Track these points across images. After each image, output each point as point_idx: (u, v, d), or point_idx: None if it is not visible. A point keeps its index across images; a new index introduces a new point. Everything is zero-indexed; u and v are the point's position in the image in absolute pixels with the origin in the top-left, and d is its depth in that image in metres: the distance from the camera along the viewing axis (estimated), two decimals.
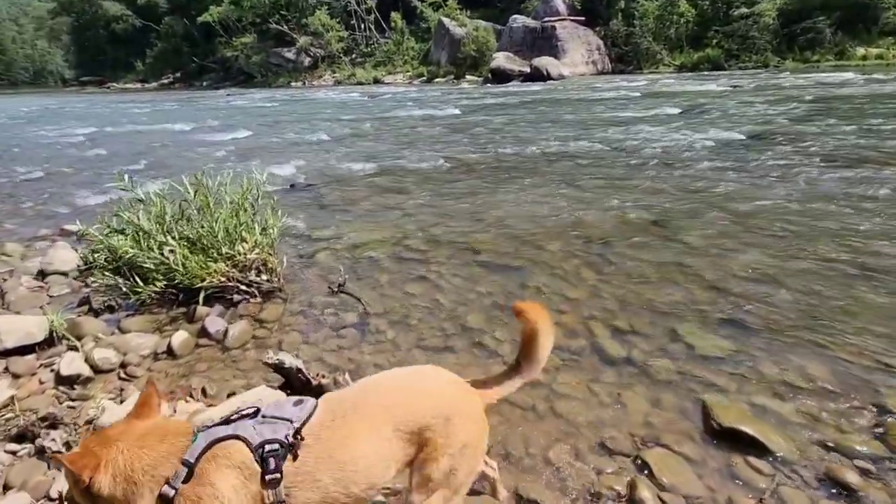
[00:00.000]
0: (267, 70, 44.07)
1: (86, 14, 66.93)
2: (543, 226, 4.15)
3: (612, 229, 4.01)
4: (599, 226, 4.09)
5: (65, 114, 20.11)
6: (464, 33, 32.51)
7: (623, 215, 4.31)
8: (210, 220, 2.92)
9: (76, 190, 6.31)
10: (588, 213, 4.39)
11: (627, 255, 3.50)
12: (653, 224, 4.10)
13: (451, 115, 13.19)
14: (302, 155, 8.20)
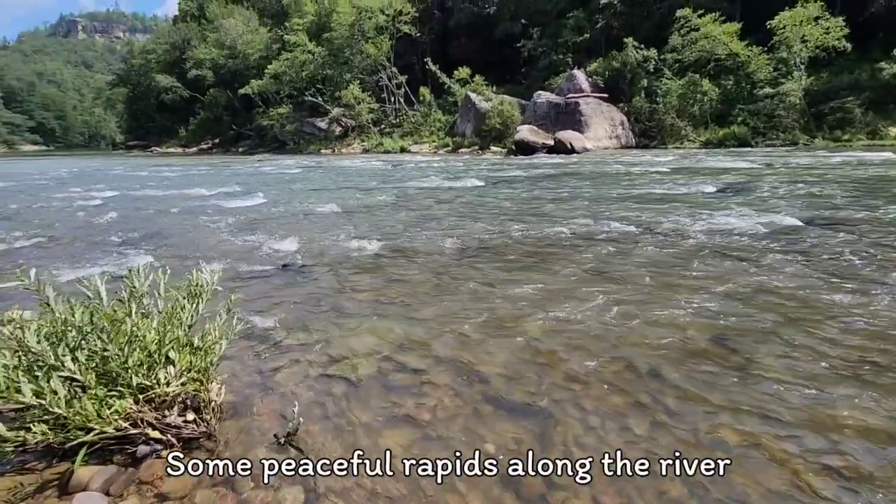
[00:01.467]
0: (299, 138, 45.99)
1: (140, 86, 72.66)
2: (572, 340, 3.27)
3: (661, 348, 3.10)
4: (645, 342, 3.20)
5: (99, 176, 20.73)
6: (489, 107, 33.38)
7: (674, 326, 3.42)
8: (117, 339, 2.16)
9: (57, 262, 5.79)
10: (628, 322, 3.51)
11: (688, 393, 2.57)
12: (715, 343, 3.18)
13: (473, 186, 12.76)
14: (308, 228, 7.67)
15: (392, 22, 41.96)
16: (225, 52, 57.73)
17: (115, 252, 6.28)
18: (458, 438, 2.25)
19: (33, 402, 1.99)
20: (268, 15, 62.74)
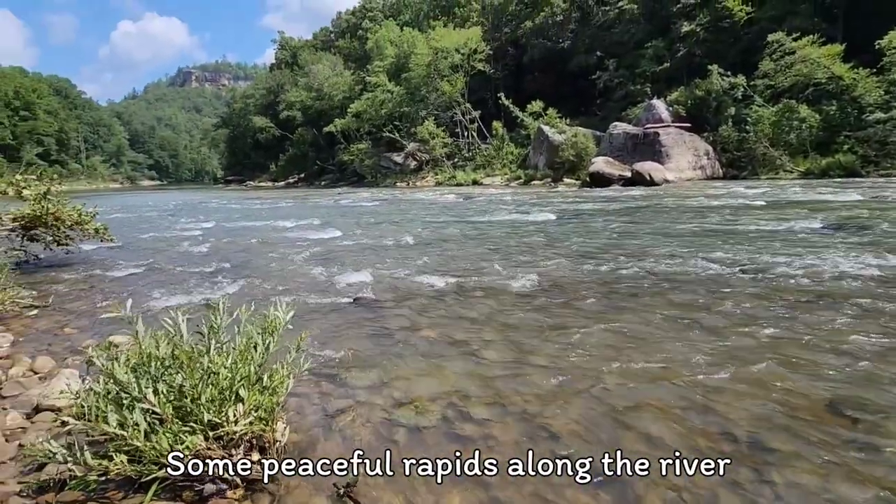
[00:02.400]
0: (376, 172, 48.20)
1: (239, 127, 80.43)
2: (655, 397, 2.95)
3: (763, 414, 2.70)
4: (742, 405, 2.80)
5: (200, 208, 22.88)
6: (562, 139, 33.06)
7: (776, 387, 2.98)
8: (193, 375, 2.23)
9: (158, 291, 6.30)
10: (720, 380, 3.12)
11: (799, 470, 2.18)
12: (830, 411, 2.72)
13: (546, 220, 12.50)
14: (380, 261, 7.83)
15: (467, 60, 43.38)
16: (313, 95, 62.66)
17: (206, 282, 6.75)
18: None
19: (117, 433, 2.09)
20: (352, 59, 67.59)
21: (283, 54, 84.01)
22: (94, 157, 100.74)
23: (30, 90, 77.61)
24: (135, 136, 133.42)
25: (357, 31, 72.42)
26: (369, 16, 73.65)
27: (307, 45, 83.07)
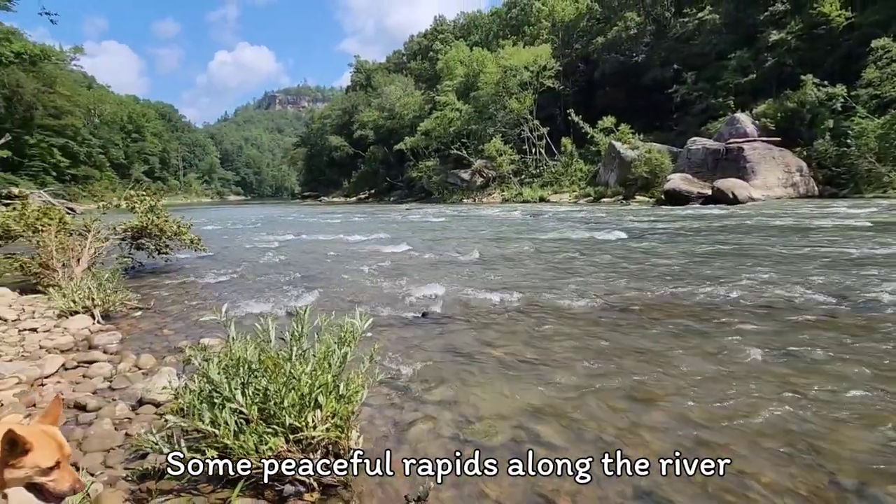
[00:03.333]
0: (444, 188, 49.01)
1: (316, 145, 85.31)
2: (748, 433, 2.71)
3: (873, 462, 2.40)
4: (850, 448, 2.51)
5: (280, 221, 24.38)
6: (635, 155, 31.90)
7: (888, 431, 2.64)
8: (278, 379, 2.36)
9: (243, 298, 6.76)
10: (822, 419, 2.81)
11: None
12: None
13: (617, 239, 12.04)
14: (449, 276, 7.90)
15: (536, 77, 43.30)
16: (384, 114, 65.27)
17: (285, 291, 7.15)
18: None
19: (209, 430, 2.24)
20: (422, 79, 69.77)
21: (358, 77, 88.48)
22: (190, 174, 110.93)
23: (140, 115, 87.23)
24: (225, 155, 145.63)
25: (428, 53, 74.81)
26: (440, 38, 75.88)
27: (380, 67, 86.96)
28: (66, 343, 4.51)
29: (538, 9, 53.89)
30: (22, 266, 7.20)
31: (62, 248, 7.37)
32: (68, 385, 3.52)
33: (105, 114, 72.65)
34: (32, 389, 3.41)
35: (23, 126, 50.77)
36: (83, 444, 2.67)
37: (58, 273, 6.88)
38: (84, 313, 5.48)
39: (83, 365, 3.95)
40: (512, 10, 63.02)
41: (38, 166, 53.05)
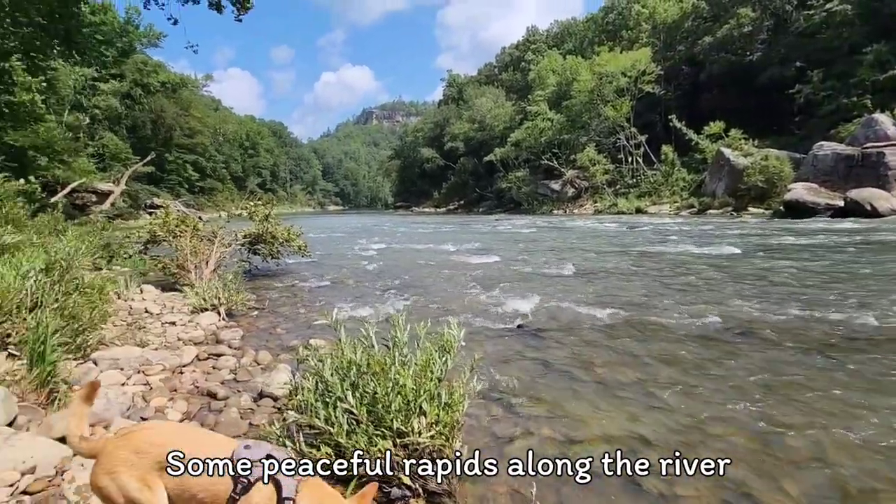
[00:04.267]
0: (533, 199, 48.36)
1: (409, 158, 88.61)
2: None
3: None
4: None
5: (374, 230, 25.57)
6: (748, 163, 29.08)
7: None
8: (385, 383, 2.43)
9: (344, 302, 7.15)
10: None
11: None
12: None
13: (729, 255, 11.02)
14: (542, 289, 7.72)
15: (634, 83, 41.36)
16: (475, 126, 66.14)
17: (381, 296, 7.45)
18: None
19: (324, 427, 2.38)
20: (513, 90, 69.78)
21: (450, 91, 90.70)
22: (295, 186, 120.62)
23: (256, 133, 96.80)
24: (326, 168, 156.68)
25: (520, 64, 74.71)
26: (532, 48, 75.46)
27: (472, 80, 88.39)
28: (198, 336, 5.07)
29: (637, 11, 51.58)
30: (164, 267, 8.26)
31: (195, 251, 8.35)
32: (201, 374, 3.95)
33: (228, 133, 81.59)
34: (174, 376, 3.87)
35: (164, 145, 58.64)
36: (216, 429, 2.96)
37: (191, 273, 7.80)
38: (212, 310, 6.14)
39: (212, 357, 4.41)
40: (609, 14, 60.93)
41: (175, 180, 60.85)
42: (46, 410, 2.91)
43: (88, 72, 44.41)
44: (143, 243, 9.59)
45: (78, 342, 3.95)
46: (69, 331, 3.90)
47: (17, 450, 2.31)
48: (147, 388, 3.58)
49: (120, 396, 3.16)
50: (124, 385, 3.52)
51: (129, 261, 9.24)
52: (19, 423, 2.71)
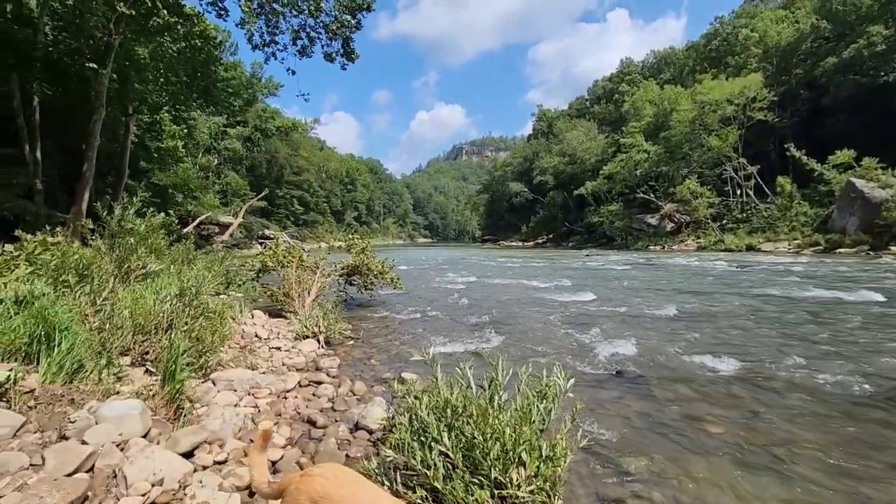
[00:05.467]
0: (627, 234, 46.10)
1: (497, 192, 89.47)
2: None
3: None
4: None
5: (462, 264, 25.84)
6: (887, 196, 25.39)
7: None
8: (484, 429, 2.35)
9: (434, 336, 7.21)
10: None
11: None
12: None
13: (870, 301, 9.53)
14: (641, 332, 7.21)
15: (742, 111, 38.47)
16: (565, 160, 65.30)
17: (472, 332, 7.40)
18: None
19: (421, 469, 2.34)
20: (606, 123, 68.21)
21: (539, 125, 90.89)
22: (388, 219, 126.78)
23: (355, 170, 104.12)
24: (417, 202, 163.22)
25: (613, 96, 73.13)
26: (627, 79, 73.66)
27: (562, 114, 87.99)
28: (300, 363, 5.36)
29: (746, 36, 48.44)
30: (272, 294, 8.96)
31: (299, 281, 8.98)
32: (303, 401, 4.13)
33: (330, 170, 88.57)
34: (279, 400, 4.09)
35: (276, 182, 65.06)
36: (315, 458, 3.06)
37: (295, 301, 8.37)
38: (312, 338, 6.49)
39: (312, 384, 4.62)
40: (712, 41, 57.90)
41: (283, 213, 66.92)
42: (174, 425, 3.20)
43: (220, 120, 51.02)
44: (256, 271, 10.52)
45: (201, 362, 4.35)
46: (194, 351, 4.32)
47: (150, 461, 2.55)
48: (256, 410, 3.81)
49: (233, 417, 3.39)
50: (237, 406, 3.78)
51: (243, 287, 10.15)
52: (151, 436, 3.00)
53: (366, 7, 16.96)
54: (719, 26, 59.36)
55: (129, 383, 3.68)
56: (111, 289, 4.95)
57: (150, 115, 22.50)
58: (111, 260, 6.00)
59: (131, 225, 7.26)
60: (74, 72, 16.55)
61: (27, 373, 3.33)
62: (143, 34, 15.88)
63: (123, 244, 6.57)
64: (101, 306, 4.58)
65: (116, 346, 4.14)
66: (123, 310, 4.48)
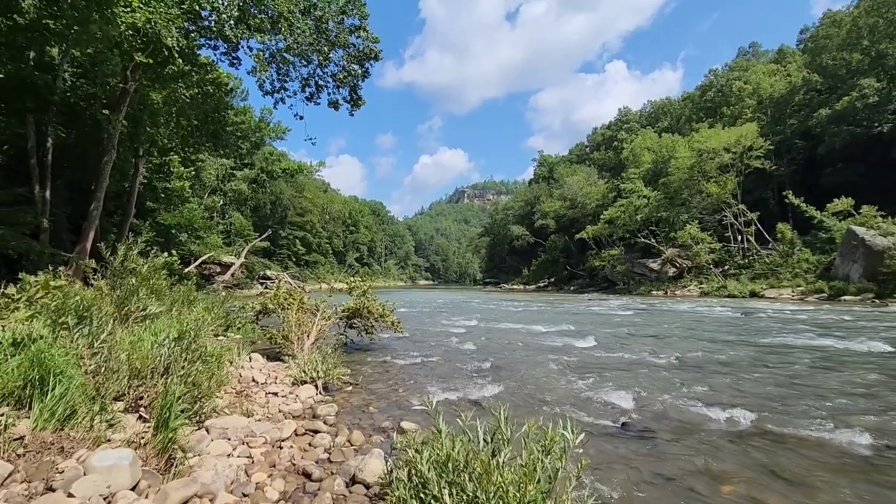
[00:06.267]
0: (629, 279, 46.00)
1: (498, 235, 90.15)
2: None
3: None
4: None
5: (464, 307, 25.66)
6: (889, 244, 25.47)
7: None
8: (487, 487, 2.25)
9: (434, 382, 7.07)
10: None
11: None
12: None
13: (880, 352, 9.37)
14: (645, 381, 7.05)
15: (739, 159, 39.25)
16: (566, 204, 66.09)
17: (473, 379, 7.25)
18: None
19: None
20: (606, 169, 69.56)
21: (541, 170, 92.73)
22: (389, 261, 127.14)
23: (358, 211, 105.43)
24: (419, 244, 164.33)
25: (612, 143, 74.95)
26: (625, 127, 75.72)
27: (563, 159, 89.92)
28: (297, 409, 5.22)
29: (740, 87, 50.14)
30: (271, 337, 8.86)
31: (299, 323, 8.89)
32: (298, 451, 4.00)
33: (334, 212, 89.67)
34: (273, 450, 3.96)
35: (279, 223, 65.78)
36: None
37: (294, 345, 8.26)
38: (310, 383, 6.36)
39: (309, 433, 4.49)
40: (707, 92, 59.87)
41: (285, 253, 67.22)
42: (164, 476, 3.08)
43: (228, 162, 52.20)
44: (256, 313, 10.44)
45: (195, 408, 4.24)
46: (189, 397, 4.23)
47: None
48: (249, 461, 3.68)
49: (226, 469, 3.27)
50: (230, 456, 3.65)
51: (243, 329, 10.05)
52: (140, 488, 2.88)
53: (373, 56, 17.72)
54: (714, 78, 61.57)
55: (122, 430, 3.58)
56: (110, 331, 4.90)
57: (159, 157, 23.07)
58: (111, 301, 5.98)
59: (134, 265, 7.29)
60: (89, 115, 17.11)
61: (18, 418, 3.25)
62: (157, 81, 16.51)
63: (125, 285, 6.57)
64: (99, 349, 4.52)
65: (111, 391, 4.06)
66: (121, 353, 4.42)
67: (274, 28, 15.35)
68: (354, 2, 16.48)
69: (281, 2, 14.55)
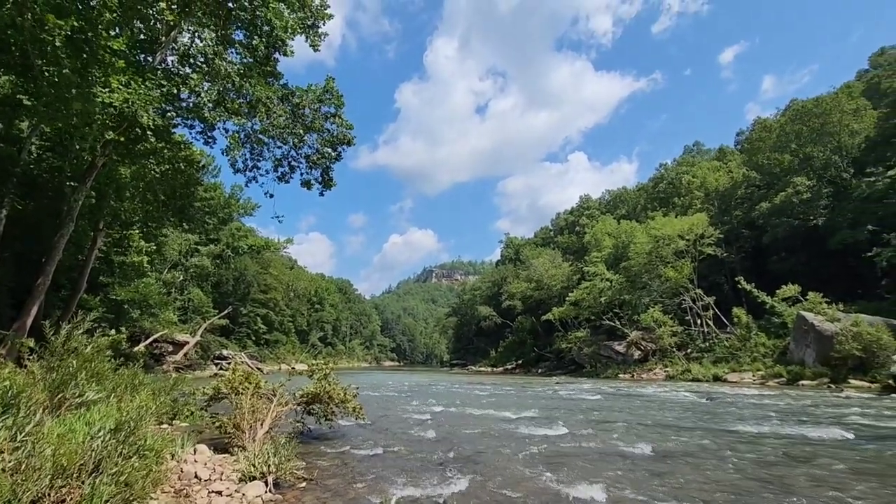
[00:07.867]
0: (596, 361, 45.95)
1: (466, 315, 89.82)
2: None
3: None
4: None
5: (430, 391, 24.76)
6: (837, 329, 26.67)
7: None
8: None
9: (396, 476, 6.60)
10: None
11: None
12: None
13: (841, 439, 9.43)
14: (618, 473, 6.80)
15: (693, 245, 41.52)
16: (532, 285, 67.21)
17: (437, 473, 6.81)
18: None
19: None
20: (570, 252, 72.02)
21: (507, 252, 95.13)
22: (354, 340, 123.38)
23: (324, 289, 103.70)
24: (385, 323, 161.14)
25: (574, 227, 78.36)
26: (586, 213, 79.76)
27: (529, 242, 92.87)
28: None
29: (688, 181, 54.32)
30: (220, 425, 8.21)
31: (253, 410, 8.30)
32: None
33: (299, 289, 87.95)
34: None
35: (241, 300, 63.72)
36: None
37: (245, 434, 7.65)
38: (260, 479, 5.81)
39: None
40: (659, 184, 64.53)
41: (245, 332, 64.38)
42: None
43: (193, 237, 51.34)
44: (207, 399, 9.73)
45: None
46: (120, 500, 3.77)
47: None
48: None
49: None
50: None
51: (191, 418, 9.30)
52: None
53: (346, 142, 18.45)
54: (664, 171, 66.78)
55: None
56: (38, 421, 4.43)
57: (119, 231, 22.49)
58: (45, 386, 5.47)
59: (76, 345, 6.79)
60: (51, 187, 16.78)
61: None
62: (128, 156, 16.54)
63: (63, 367, 6.06)
64: (22, 442, 4.05)
65: (29, 494, 3.59)
66: (46, 447, 3.97)
67: (251, 112, 15.94)
68: (331, 91, 17.44)
69: (260, 88, 15.23)
